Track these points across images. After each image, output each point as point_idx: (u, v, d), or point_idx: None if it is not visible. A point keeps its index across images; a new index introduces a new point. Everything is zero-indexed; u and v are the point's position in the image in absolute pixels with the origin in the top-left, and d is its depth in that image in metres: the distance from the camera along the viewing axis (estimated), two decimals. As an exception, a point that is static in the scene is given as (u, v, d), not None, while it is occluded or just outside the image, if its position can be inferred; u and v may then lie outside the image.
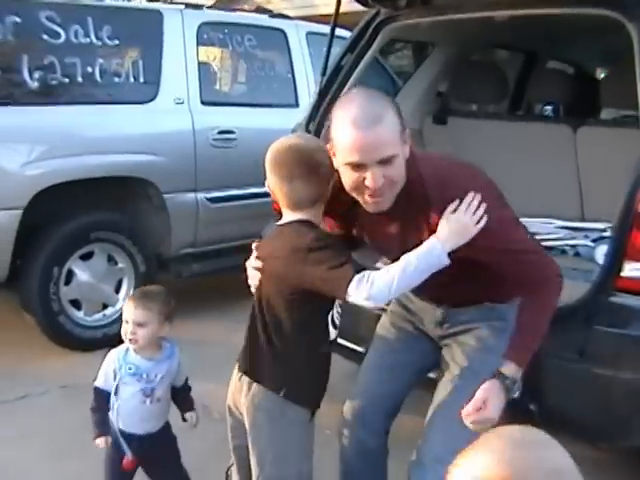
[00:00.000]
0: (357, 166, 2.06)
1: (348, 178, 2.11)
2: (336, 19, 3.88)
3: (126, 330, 2.61)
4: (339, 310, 2.32)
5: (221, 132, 5.27)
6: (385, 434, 2.58)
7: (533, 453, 1.05)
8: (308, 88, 5.75)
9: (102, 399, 2.66)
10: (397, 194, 2.15)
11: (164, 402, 2.72)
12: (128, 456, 2.64)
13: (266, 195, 4.28)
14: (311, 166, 2.18)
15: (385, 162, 2.05)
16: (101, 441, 2.66)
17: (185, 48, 5.18)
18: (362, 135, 2.02)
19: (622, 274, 2.65)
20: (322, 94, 3.94)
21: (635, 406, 2.65)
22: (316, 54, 5.62)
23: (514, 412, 2.42)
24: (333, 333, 2.30)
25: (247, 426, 2.30)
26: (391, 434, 2.61)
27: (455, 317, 2.50)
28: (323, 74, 3.95)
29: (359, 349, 3.05)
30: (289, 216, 2.25)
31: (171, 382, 2.74)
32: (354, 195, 2.16)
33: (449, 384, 2.40)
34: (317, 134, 3.89)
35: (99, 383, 2.69)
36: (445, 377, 2.45)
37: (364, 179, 2.07)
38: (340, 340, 3.29)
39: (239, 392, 2.34)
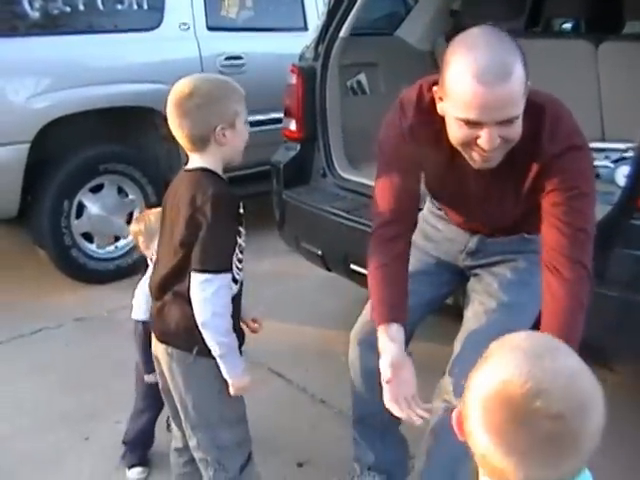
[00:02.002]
0: (472, 123, 1.81)
1: (457, 133, 1.87)
2: None
3: None
4: (238, 265, 2.18)
5: (229, 58, 5.14)
6: None
7: (549, 362, 1.07)
8: (317, 11, 5.57)
9: (147, 331, 2.60)
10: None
11: None
12: None
13: (276, 122, 4.25)
14: (188, 106, 2.06)
15: (505, 123, 1.81)
16: (151, 377, 2.65)
17: (189, -28, 5.02)
18: (486, 92, 1.75)
19: (644, 195, 2.57)
20: (331, 14, 3.82)
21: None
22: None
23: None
24: (234, 288, 2.16)
25: (166, 375, 2.26)
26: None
27: (490, 247, 2.39)
28: (331, -7, 3.83)
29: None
30: (192, 160, 2.18)
31: None
32: (458, 148, 1.94)
33: (483, 317, 2.28)
34: (326, 56, 3.80)
35: (139, 316, 2.70)
36: (477, 308, 2.33)
37: (477, 137, 1.83)
38: (353, 266, 3.28)
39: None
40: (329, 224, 3.42)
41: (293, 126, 3.83)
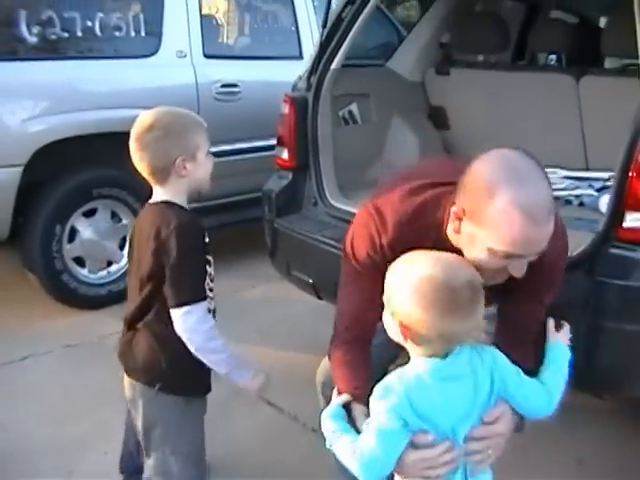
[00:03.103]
0: (511, 255, 1.74)
1: (488, 262, 1.76)
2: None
3: None
4: (209, 294, 2.21)
5: (224, 85, 5.23)
6: None
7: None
8: (312, 39, 5.67)
9: None
10: None
11: None
12: None
13: (270, 148, 4.31)
14: (147, 139, 2.16)
15: (534, 254, 1.76)
16: None
17: (187, 0, 5.11)
18: (538, 231, 1.69)
19: (624, 225, 2.63)
20: (323, 46, 3.89)
21: (638, 357, 2.65)
22: (320, 5, 5.55)
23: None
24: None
25: (129, 405, 2.33)
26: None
27: None
28: (324, 26, 3.90)
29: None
30: (155, 193, 2.22)
31: None
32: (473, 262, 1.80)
33: None
34: (318, 87, 3.87)
35: None
36: None
37: (506, 265, 1.77)
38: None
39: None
40: (320, 252, 3.45)
41: (285, 155, 3.88)
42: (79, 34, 4.61)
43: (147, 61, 4.92)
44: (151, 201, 2.22)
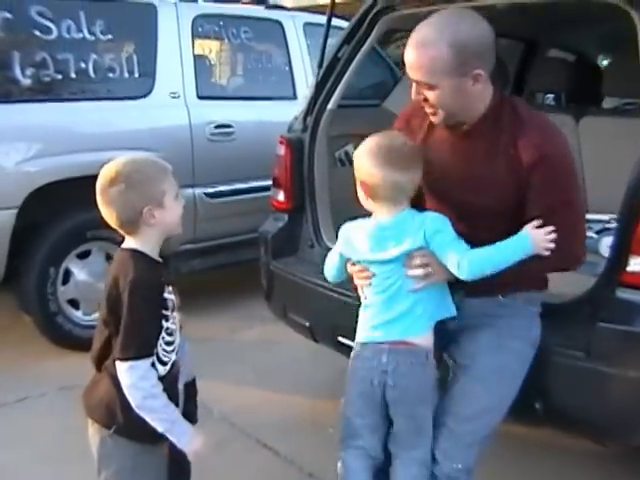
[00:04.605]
0: (410, 77, 2.28)
1: (412, 91, 2.31)
2: (332, 9, 3.82)
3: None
4: (165, 348, 2.17)
5: (218, 126, 5.25)
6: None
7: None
8: (306, 80, 5.71)
9: None
10: (478, 120, 2.36)
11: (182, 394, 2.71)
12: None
13: (265, 189, 4.29)
14: (111, 193, 2.11)
15: (422, 85, 2.24)
16: None
17: (180, 41, 5.14)
18: (408, 52, 2.23)
19: (628, 269, 2.58)
20: (319, 87, 3.87)
21: (641, 404, 2.60)
22: (314, 45, 5.58)
23: (519, 411, 2.38)
24: (161, 370, 2.15)
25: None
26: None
27: (469, 309, 2.44)
28: (320, 66, 3.89)
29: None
30: (127, 240, 2.20)
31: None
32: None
33: (466, 386, 2.37)
34: (314, 128, 3.85)
35: None
36: (458, 378, 2.40)
37: (415, 92, 2.29)
38: (341, 339, 3.26)
39: None
40: (317, 296, 3.40)
41: (281, 197, 3.85)
42: (73, 76, 4.62)
43: (141, 102, 4.93)
44: (122, 246, 2.21)
